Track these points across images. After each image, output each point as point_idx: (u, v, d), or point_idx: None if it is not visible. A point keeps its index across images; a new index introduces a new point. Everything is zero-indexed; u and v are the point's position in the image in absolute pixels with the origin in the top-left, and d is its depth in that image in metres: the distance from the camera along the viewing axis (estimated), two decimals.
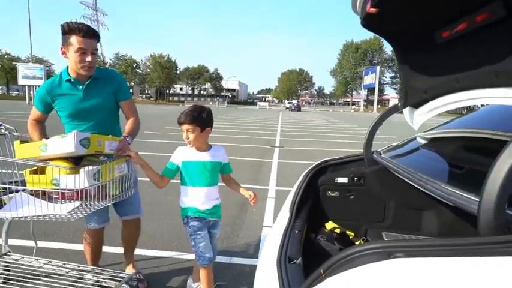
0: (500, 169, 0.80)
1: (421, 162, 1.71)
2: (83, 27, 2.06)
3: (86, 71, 2.16)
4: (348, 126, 22.06)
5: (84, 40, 2.08)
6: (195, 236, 2.20)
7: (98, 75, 2.29)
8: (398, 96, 2.04)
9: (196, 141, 2.15)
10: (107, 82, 2.32)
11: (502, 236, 0.78)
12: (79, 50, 2.08)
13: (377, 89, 58.58)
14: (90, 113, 2.28)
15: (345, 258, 0.89)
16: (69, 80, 2.23)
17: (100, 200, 1.97)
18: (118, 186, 2.10)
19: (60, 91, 2.24)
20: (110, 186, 2.01)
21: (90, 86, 2.27)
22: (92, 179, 1.89)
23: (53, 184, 1.86)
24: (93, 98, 2.27)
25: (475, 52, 1.37)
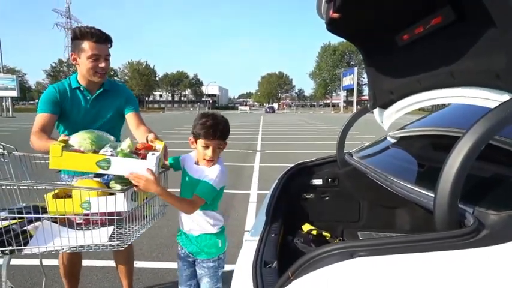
0: (451, 166, 0.84)
1: (388, 162, 1.76)
2: (95, 32, 1.96)
3: (99, 77, 2.07)
4: (328, 127, 22.34)
5: (97, 46, 1.98)
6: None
7: (109, 87, 2.20)
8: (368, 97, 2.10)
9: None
10: (115, 96, 2.23)
11: (454, 230, 0.82)
12: (92, 56, 1.97)
13: (356, 90, 59.61)
14: (93, 124, 2.13)
15: (310, 260, 0.90)
16: (78, 88, 2.12)
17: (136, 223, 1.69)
18: (150, 206, 1.85)
19: (69, 97, 2.11)
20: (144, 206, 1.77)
21: (99, 97, 2.17)
22: (131, 200, 1.63)
23: (82, 208, 1.59)
24: (100, 110, 2.17)
25: (433, 54, 1.42)
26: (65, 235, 1.56)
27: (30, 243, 1.55)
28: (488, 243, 0.77)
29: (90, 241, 1.56)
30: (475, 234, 0.81)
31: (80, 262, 2.42)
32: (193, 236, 1.83)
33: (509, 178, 1.14)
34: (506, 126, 0.83)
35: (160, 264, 3.15)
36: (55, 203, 1.58)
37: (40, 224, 1.61)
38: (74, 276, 2.40)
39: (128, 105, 2.26)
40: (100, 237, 1.58)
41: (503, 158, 1.20)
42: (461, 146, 0.84)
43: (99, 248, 1.56)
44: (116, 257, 2.43)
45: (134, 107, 2.30)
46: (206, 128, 1.67)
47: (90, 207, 1.58)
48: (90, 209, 1.58)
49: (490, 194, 1.07)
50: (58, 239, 1.55)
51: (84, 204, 1.58)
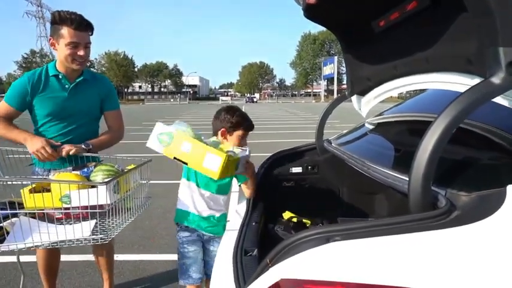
0: (424, 150, 0.85)
1: (366, 148, 1.78)
2: (75, 18, 1.86)
3: (78, 65, 1.97)
4: (309, 116, 22.50)
5: (77, 33, 1.88)
6: (182, 249, 1.93)
7: (89, 76, 2.11)
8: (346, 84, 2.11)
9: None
10: (96, 87, 2.13)
11: (427, 212, 0.83)
12: (71, 43, 1.88)
13: (336, 79, 60.16)
14: (72, 115, 2.06)
15: (287, 246, 0.91)
16: (56, 76, 2.01)
17: (118, 216, 1.66)
18: (132, 198, 1.81)
19: (43, 86, 1.99)
20: (125, 199, 1.74)
21: (78, 86, 2.06)
22: (113, 193, 1.59)
23: (62, 202, 1.54)
24: (79, 100, 2.06)
25: (408, 39, 1.43)
26: (44, 230, 1.49)
27: (7, 240, 1.49)
28: (459, 224, 0.79)
29: (71, 236, 1.51)
30: (447, 215, 0.83)
31: (59, 257, 2.35)
32: (216, 216, 1.93)
33: (479, 160, 1.18)
34: (476, 109, 0.85)
35: (141, 256, 3.13)
36: (32, 197, 1.53)
37: (17, 220, 1.55)
38: (52, 272, 2.33)
39: (108, 100, 2.19)
40: (82, 232, 1.52)
41: (474, 140, 1.23)
42: (433, 130, 0.86)
43: (82, 243, 1.52)
44: (96, 251, 2.37)
45: (114, 105, 2.22)
46: (248, 121, 1.93)
47: (70, 200, 1.54)
48: (70, 202, 1.54)
49: (461, 176, 1.10)
50: (37, 234, 1.49)
51: (64, 198, 1.54)
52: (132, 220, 1.77)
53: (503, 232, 0.78)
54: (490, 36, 0.88)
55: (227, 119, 1.88)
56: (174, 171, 6.71)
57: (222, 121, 1.88)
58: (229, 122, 1.87)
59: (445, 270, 0.75)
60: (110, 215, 1.59)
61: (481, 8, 0.88)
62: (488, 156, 1.18)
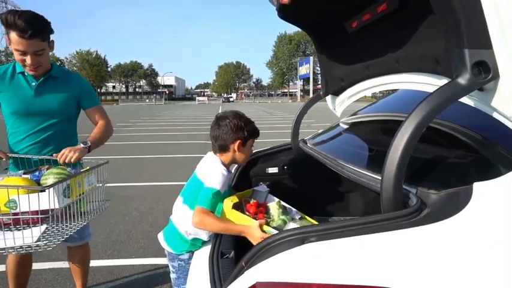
0: (396, 149, 0.86)
1: (340, 147, 1.81)
2: (20, 24, 1.69)
3: (30, 71, 1.88)
4: (286, 116, 22.67)
5: (22, 41, 1.73)
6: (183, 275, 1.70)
7: (58, 74, 2.00)
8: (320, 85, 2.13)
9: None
10: (68, 85, 2.02)
11: (399, 211, 0.85)
12: (17, 51, 1.78)
13: (312, 79, 60.90)
14: (41, 114, 1.96)
15: (263, 248, 0.90)
16: (22, 73, 1.93)
17: (70, 220, 1.59)
18: (87, 202, 1.74)
19: (10, 82, 1.91)
20: (78, 202, 1.68)
21: (46, 84, 1.96)
22: (63, 197, 1.53)
23: (7, 208, 1.46)
24: (47, 98, 1.96)
25: (380, 40, 1.46)
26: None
27: None
28: (429, 221, 0.81)
29: (20, 242, 1.44)
30: (417, 214, 0.84)
31: (30, 266, 2.24)
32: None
33: (448, 158, 1.21)
34: (443, 109, 0.87)
35: (116, 261, 3.04)
36: None
37: None
38: (23, 281, 2.22)
39: (86, 98, 2.09)
40: (32, 237, 1.46)
41: (443, 139, 1.27)
42: (403, 130, 0.87)
43: (23, 250, 1.44)
44: (71, 257, 2.26)
45: (93, 102, 2.13)
46: (255, 127, 1.69)
47: (17, 205, 1.47)
48: (17, 207, 1.47)
49: (431, 174, 1.13)
50: None
51: (10, 203, 1.46)
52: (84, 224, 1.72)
53: (470, 229, 0.81)
54: (455, 37, 0.90)
55: (241, 127, 1.61)
56: (151, 173, 6.58)
57: (236, 131, 1.60)
58: (245, 131, 1.62)
59: (417, 267, 0.77)
60: (61, 220, 1.55)
61: (446, 9, 0.91)
62: (456, 155, 1.22)
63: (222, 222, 1.51)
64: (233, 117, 1.63)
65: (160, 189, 5.18)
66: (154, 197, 4.85)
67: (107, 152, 8.26)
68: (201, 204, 1.51)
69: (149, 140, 11.36)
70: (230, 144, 1.62)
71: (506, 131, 0.94)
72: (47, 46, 1.86)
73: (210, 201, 1.51)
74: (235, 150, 1.62)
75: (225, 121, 1.62)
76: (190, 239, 1.65)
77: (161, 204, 4.52)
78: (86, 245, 2.26)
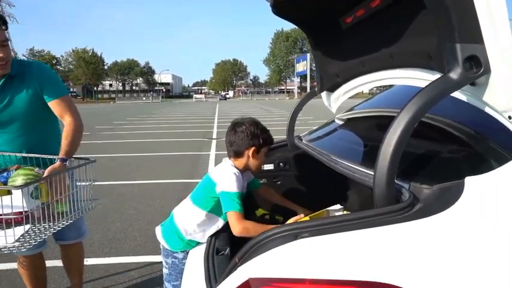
0: (388, 144, 0.86)
1: (335, 144, 1.81)
2: None
3: (1, 69, 1.70)
4: (283, 113, 22.67)
5: None
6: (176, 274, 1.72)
7: (17, 71, 1.78)
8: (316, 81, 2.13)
9: None
10: (27, 79, 1.79)
11: (391, 206, 0.85)
12: None
13: (309, 76, 60.87)
14: (10, 124, 1.80)
15: (256, 244, 0.90)
16: None
17: (49, 221, 1.55)
18: (66, 202, 1.67)
19: None
20: (54, 204, 1.60)
21: (5, 88, 1.77)
22: (32, 199, 1.48)
23: None
24: (10, 103, 1.77)
25: (374, 36, 1.46)
26: None
27: None
28: (421, 216, 0.81)
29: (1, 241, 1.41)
30: (410, 208, 0.85)
31: (44, 267, 2.22)
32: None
33: (440, 153, 1.22)
34: (435, 104, 0.87)
35: (112, 259, 3.04)
36: None
37: None
38: (40, 283, 2.21)
39: (45, 91, 1.82)
40: (6, 239, 1.42)
41: (435, 134, 1.28)
42: (396, 125, 0.87)
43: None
44: (64, 255, 2.23)
45: (53, 93, 1.84)
46: (270, 136, 1.71)
47: None
48: None
49: (423, 169, 1.13)
50: None
51: None
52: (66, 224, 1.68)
53: (461, 223, 0.81)
54: (447, 32, 0.90)
55: (256, 135, 1.64)
56: (148, 171, 6.57)
57: (252, 138, 1.63)
58: (260, 138, 1.65)
59: (411, 262, 0.77)
60: (38, 221, 1.51)
61: (438, 4, 0.90)
62: (448, 149, 1.22)
63: (260, 228, 1.46)
64: (250, 124, 1.67)
65: (157, 187, 5.18)
66: (151, 195, 4.84)
67: (103, 151, 8.26)
68: (232, 209, 1.53)
69: (146, 138, 11.34)
70: (245, 150, 1.65)
71: (497, 126, 0.94)
72: (8, 39, 1.74)
73: (238, 203, 1.54)
74: (249, 156, 1.65)
75: (242, 127, 1.66)
76: (188, 239, 1.66)
77: (158, 202, 4.52)
78: (80, 243, 2.22)
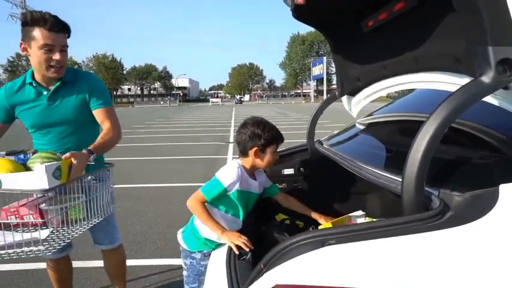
0: (416, 150, 0.85)
1: (357, 148, 1.78)
2: (49, 18, 1.67)
3: (54, 72, 1.77)
4: (299, 117, 22.58)
5: (51, 34, 1.68)
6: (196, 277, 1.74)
7: (70, 78, 1.87)
8: (336, 85, 2.11)
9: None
10: (78, 86, 1.88)
11: (421, 214, 0.83)
12: (44, 46, 1.69)
13: (325, 79, 60.54)
14: (59, 124, 1.85)
15: (282, 250, 0.89)
16: (31, 84, 1.83)
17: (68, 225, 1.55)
18: (81, 209, 1.66)
19: (20, 97, 1.83)
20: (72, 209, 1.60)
21: (58, 92, 1.85)
22: (53, 178, 1.41)
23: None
24: (60, 107, 1.84)
25: (397, 39, 1.44)
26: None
27: None
28: (452, 225, 0.79)
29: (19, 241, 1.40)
30: (440, 217, 0.82)
31: (71, 269, 2.28)
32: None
33: (471, 159, 1.18)
34: (467, 109, 0.85)
35: (133, 261, 3.08)
36: None
37: None
38: (65, 285, 2.26)
39: (92, 99, 1.92)
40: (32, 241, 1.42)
41: (465, 140, 1.24)
42: (425, 131, 0.85)
43: (24, 254, 1.40)
44: (105, 261, 2.24)
45: (100, 102, 1.94)
46: (279, 133, 1.73)
47: (0, 185, 1.38)
48: (1, 186, 1.38)
49: (454, 175, 1.10)
50: None
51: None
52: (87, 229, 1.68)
53: (497, 232, 0.78)
54: (478, 34, 0.88)
55: (258, 134, 1.65)
56: (166, 175, 6.65)
57: (253, 138, 1.65)
58: (263, 139, 1.65)
59: (441, 272, 0.75)
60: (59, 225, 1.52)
61: (468, 6, 0.88)
62: (479, 156, 1.18)
63: (208, 219, 1.60)
64: (252, 124, 1.68)
65: (175, 190, 5.23)
66: (169, 198, 4.90)
67: (122, 154, 8.41)
68: (203, 190, 1.62)
69: (163, 141, 11.50)
70: (248, 150, 1.67)
71: None
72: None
73: (212, 191, 1.61)
74: (254, 156, 1.67)
75: (245, 128, 1.69)
76: (204, 237, 1.68)
77: (176, 205, 4.56)
78: (119, 249, 2.22)
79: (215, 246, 1.70)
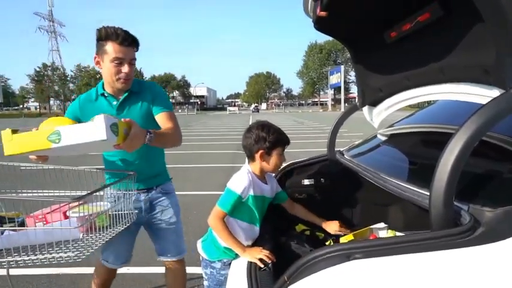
0: (445, 164, 0.83)
1: (380, 160, 1.76)
2: (121, 33, 1.78)
3: (122, 83, 1.87)
4: (317, 126, 22.44)
5: (122, 48, 1.79)
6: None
7: (137, 88, 1.97)
8: (356, 95, 2.10)
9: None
10: (142, 96, 1.98)
11: (450, 229, 0.81)
12: (115, 59, 1.80)
13: (343, 88, 60.14)
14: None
15: (306, 263, 0.89)
16: (103, 95, 1.95)
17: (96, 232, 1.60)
18: (107, 217, 1.71)
19: (93, 107, 1.92)
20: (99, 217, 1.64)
21: (126, 102, 1.94)
22: (111, 131, 1.35)
23: (50, 142, 1.28)
24: (127, 116, 1.89)
25: (421, 50, 1.42)
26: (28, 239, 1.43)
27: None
28: (484, 241, 0.77)
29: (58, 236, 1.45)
30: (471, 232, 0.80)
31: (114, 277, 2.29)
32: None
33: (502, 174, 1.14)
34: (498, 122, 0.83)
35: (153, 269, 3.10)
36: (13, 140, 1.30)
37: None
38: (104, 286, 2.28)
39: (155, 104, 1.98)
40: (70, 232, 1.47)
41: (496, 154, 1.20)
42: (454, 143, 0.84)
43: (55, 261, 1.42)
44: (166, 273, 2.24)
45: (162, 106, 2.00)
46: (284, 135, 1.73)
47: (60, 138, 1.30)
48: (60, 140, 1.29)
49: (484, 190, 1.06)
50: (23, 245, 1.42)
51: (52, 136, 1.29)
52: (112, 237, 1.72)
53: None
54: (508, 46, 0.86)
55: (263, 137, 1.66)
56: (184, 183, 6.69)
57: (258, 141, 1.67)
58: (267, 141, 1.66)
59: None
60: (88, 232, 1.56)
61: (498, 17, 0.87)
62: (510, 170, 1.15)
63: (229, 237, 1.61)
64: (256, 128, 1.70)
65: (193, 199, 5.26)
66: (187, 206, 4.92)
67: None
68: (219, 204, 1.62)
69: (181, 149, 11.58)
70: (254, 154, 1.68)
71: None
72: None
73: (229, 202, 1.61)
74: (260, 159, 1.69)
75: (250, 132, 1.71)
76: (223, 246, 1.68)
77: (194, 214, 4.59)
78: (182, 261, 2.22)
79: (235, 255, 1.70)
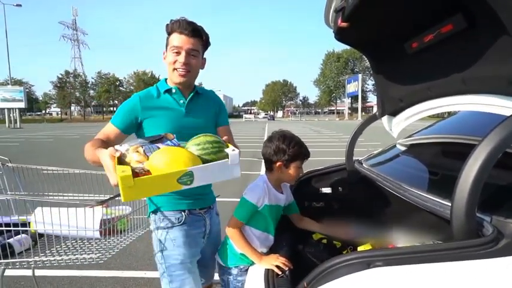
0: (468, 175, 0.83)
1: (400, 170, 1.75)
2: (182, 23, 1.70)
3: (179, 76, 1.75)
4: (333, 134, 22.28)
5: (180, 37, 1.69)
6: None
7: (200, 91, 1.93)
8: (376, 105, 2.10)
9: None
10: (209, 101, 1.95)
11: (472, 240, 0.81)
12: (173, 48, 1.71)
13: (360, 97, 59.66)
14: (191, 132, 1.75)
15: (326, 270, 0.90)
16: (169, 91, 1.82)
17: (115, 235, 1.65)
18: (128, 220, 1.74)
19: (158, 104, 1.79)
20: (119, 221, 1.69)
21: (193, 101, 1.86)
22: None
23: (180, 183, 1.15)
24: (197, 115, 1.85)
25: (443, 61, 1.42)
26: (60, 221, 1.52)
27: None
28: (508, 253, 0.76)
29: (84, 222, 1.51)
30: (494, 244, 0.80)
31: None
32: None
33: None
34: None
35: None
36: (135, 185, 1.06)
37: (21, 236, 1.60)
38: None
39: (221, 116, 1.98)
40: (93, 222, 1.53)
41: None
42: (477, 154, 0.84)
43: (78, 261, 1.47)
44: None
45: (226, 120, 2.01)
46: (304, 148, 1.72)
47: (192, 179, 1.17)
48: (192, 182, 1.17)
49: (508, 202, 1.05)
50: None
51: (183, 178, 1.15)
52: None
53: None
54: None
55: (282, 149, 1.66)
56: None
57: (277, 153, 1.67)
58: (287, 154, 1.65)
59: None
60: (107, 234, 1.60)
61: None
62: None
63: (246, 246, 1.64)
64: (278, 138, 1.69)
65: None
66: None
67: None
68: (236, 214, 1.66)
69: None
70: (273, 164, 1.70)
71: None
72: (200, 54, 1.81)
73: (244, 211, 1.65)
74: (278, 170, 1.70)
75: (271, 142, 1.71)
76: (239, 252, 1.70)
77: None
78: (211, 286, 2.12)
79: (251, 262, 1.72)
